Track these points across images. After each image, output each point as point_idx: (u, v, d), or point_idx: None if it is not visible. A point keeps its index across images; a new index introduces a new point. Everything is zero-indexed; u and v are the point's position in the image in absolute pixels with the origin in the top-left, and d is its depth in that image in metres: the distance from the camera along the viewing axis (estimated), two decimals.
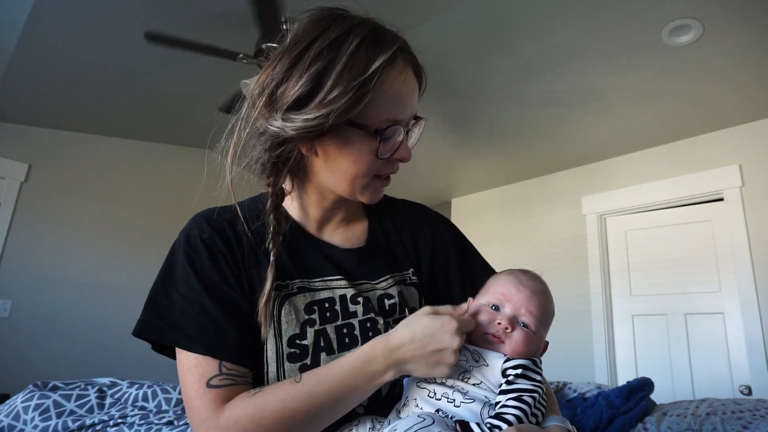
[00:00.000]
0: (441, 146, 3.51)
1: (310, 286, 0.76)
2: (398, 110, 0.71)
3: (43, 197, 3.24)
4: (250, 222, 0.77)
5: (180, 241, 0.75)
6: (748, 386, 2.56)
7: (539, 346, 0.71)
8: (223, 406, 0.64)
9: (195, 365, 0.66)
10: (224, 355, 0.66)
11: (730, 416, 1.34)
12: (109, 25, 2.36)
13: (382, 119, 0.70)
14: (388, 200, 0.93)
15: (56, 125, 3.32)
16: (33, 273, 3.14)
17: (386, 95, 0.69)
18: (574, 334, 3.11)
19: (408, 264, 0.84)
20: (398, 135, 0.72)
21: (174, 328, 0.68)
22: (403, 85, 0.71)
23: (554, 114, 2.97)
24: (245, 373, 0.68)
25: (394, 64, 0.70)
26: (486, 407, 0.63)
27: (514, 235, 3.70)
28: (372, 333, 0.74)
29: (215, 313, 0.68)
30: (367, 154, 0.71)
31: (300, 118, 0.67)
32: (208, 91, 2.87)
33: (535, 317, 0.70)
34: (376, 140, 0.70)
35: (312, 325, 0.72)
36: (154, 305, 0.71)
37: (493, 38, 2.46)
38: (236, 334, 0.68)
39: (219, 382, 0.65)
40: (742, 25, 2.17)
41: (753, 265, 2.62)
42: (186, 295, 0.69)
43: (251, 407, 0.63)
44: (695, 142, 2.97)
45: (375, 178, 0.75)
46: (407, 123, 0.74)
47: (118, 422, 1.25)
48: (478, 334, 0.70)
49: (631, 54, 2.42)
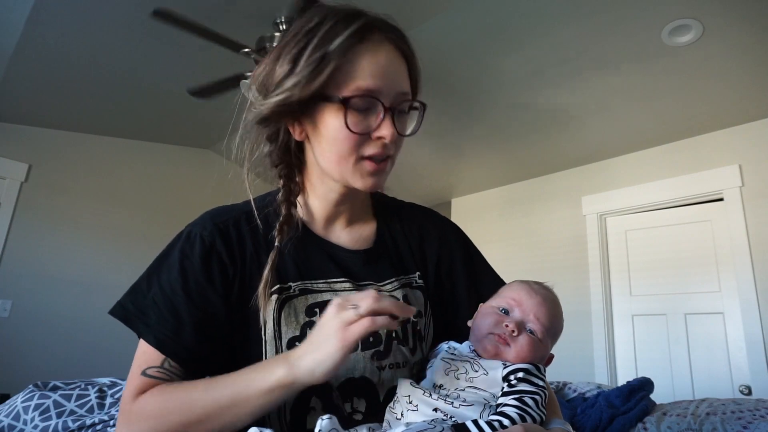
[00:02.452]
0: (441, 146, 3.51)
1: (313, 287, 0.75)
2: (369, 80, 0.68)
3: (43, 197, 3.24)
4: (261, 217, 0.77)
5: (181, 236, 0.75)
6: (748, 386, 2.56)
7: (544, 355, 0.71)
8: (142, 394, 0.66)
9: (143, 352, 0.69)
10: (170, 353, 0.68)
11: (730, 416, 1.34)
12: (109, 25, 2.36)
13: (352, 88, 0.69)
14: (397, 203, 0.92)
15: (56, 125, 3.32)
16: (33, 273, 3.14)
17: (354, 66, 0.69)
18: (574, 334, 3.11)
19: (414, 267, 0.84)
20: (374, 108, 0.70)
21: (139, 314, 0.70)
22: (374, 57, 0.70)
23: (554, 114, 2.97)
24: (184, 374, 0.69)
25: (367, 38, 0.70)
26: (486, 409, 0.62)
27: (514, 235, 3.70)
28: (373, 337, 0.73)
29: (181, 312, 0.69)
30: (341, 129, 0.69)
31: (274, 94, 0.70)
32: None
33: (543, 325, 0.70)
34: (344, 111, 0.69)
35: (312, 327, 0.71)
36: (134, 289, 0.73)
37: (494, 38, 2.46)
38: (193, 338, 0.68)
39: (154, 374, 0.67)
40: (742, 25, 2.17)
41: (753, 265, 2.62)
42: (163, 287, 0.71)
43: (160, 396, 0.65)
44: (695, 142, 2.97)
45: (363, 160, 0.72)
46: (393, 102, 0.71)
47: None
48: (482, 334, 0.70)
49: (631, 54, 2.42)
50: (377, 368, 0.72)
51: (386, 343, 0.74)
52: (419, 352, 0.77)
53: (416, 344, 0.77)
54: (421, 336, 0.79)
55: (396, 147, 0.75)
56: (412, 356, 0.75)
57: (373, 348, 0.73)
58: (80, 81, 2.84)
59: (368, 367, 0.72)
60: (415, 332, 0.78)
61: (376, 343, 0.74)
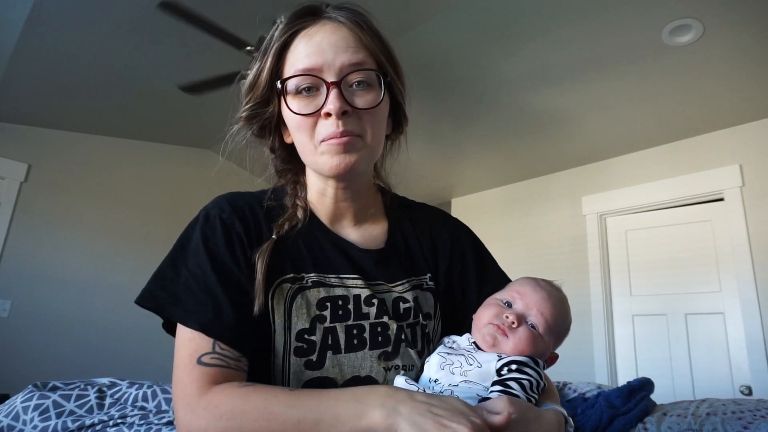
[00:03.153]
0: (441, 146, 3.51)
1: (326, 281, 0.74)
2: (305, 60, 0.70)
3: (43, 197, 3.24)
4: (275, 206, 0.79)
5: (199, 218, 0.74)
6: (749, 386, 2.55)
7: (544, 351, 0.70)
8: (209, 388, 0.62)
9: (189, 339, 0.66)
10: (218, 334, 0.65)
11: (731, 416, 1.34)
12: (109, 25, 2.36)
13: (290, 72, 0.71)
14: (408, 203, 0.92)
15: (56, 125, 3.32)
16: (33, 273, 3.14)
17: (293, 52, 0.71)
18: (574, 334, 3.07)
19: (426, 269, 0.83)
20: (320, 87, 0.69)
21: (174, 301, 0.68)
22: (310, 38, 0.71)
23: (554, 114, 2.96)
24: (238, 357, 0.66)
25: (305, 24, 0.72)
26: (478, 402, 0.62)
27: (514, 235, 3.70)
28: (382, 337, 0.73)
29: (217, 292, 0.67)
30: (293, 117, 0.71)
31: (243, 99, 0.74)
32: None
33: (545, 320, 0.70)
34: (285, 96, 0.71)
35: (322, 321, 0.71)
36: (159, 276, 0.70)
37: (494, 38, 2.46)
38: (235, 316, 0.67)
39: (210, 361, 0.64)
40: (742, 25, 2.17)
41: (753, 265, 2.62)
42: (192, 270, 0.69)
43: (235, 396, 0.61)
44: (695, 142, 2.97)
45: (321, 143, 0.70)
46: (339, 75, 0.69)
47: (117, 422, 1.25)
48: (482, 323, 0.70)
49: (631, 54, 2.42)
50: (384, 369, 0.72)
51: (395, 344, 0.73)
52: (426, 354, 0.77)
53: (425, 347, 0.77)
54: (429, 338, 0.78)
55: (360, 123, 0.71)
56: (419, 359, 0.75)
57: (381, 348, 0.73)
58: (80, 81, 2.84)
59: (375, 367, 0.72)
60: (424, 335, 0.78)
61: (385, 344, 0.73)
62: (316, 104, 0.69)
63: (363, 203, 0.83)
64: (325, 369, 0.70)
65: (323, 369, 0.70)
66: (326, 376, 0.69)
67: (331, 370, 0.70)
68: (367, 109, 0.71)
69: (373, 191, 0.86)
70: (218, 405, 0.60)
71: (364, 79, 0.71)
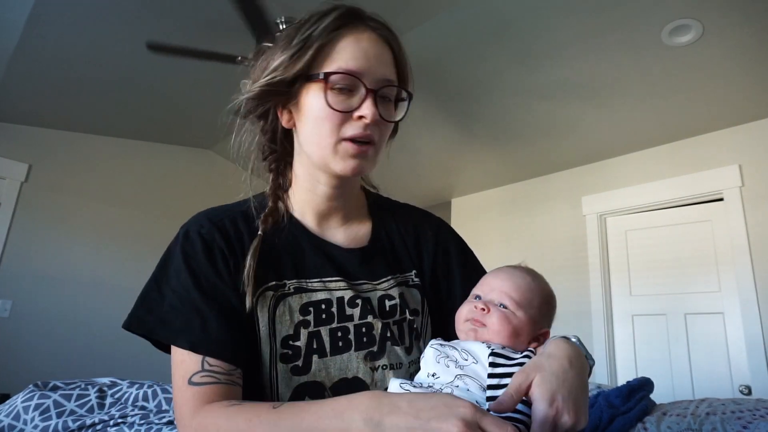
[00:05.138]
0: (441, 146, 3.51)
1: (307, 286, 0.75)
2: (351, 61, 0.71)
3: (43, 197, 3.24)
4: (256, 215, 0.78)
5: (178, 237, 0.75)
6: (748, 386, 2.56)
7: (520, 327, 0.72)
8: (201, 408, 0.63)
9: (181, 361, 0.67)
10: (206, 349, 0.66)
11: (730, 416, 1.34)
12: (109, 25, 2.36)
13: (333, 68, 0.71)
14: (392, 203, 0.93)
15: (56, 125, 3.32)
16: (33, 273, 3.14)
17: (337, 48, 0.72)
18: (574, 334, 3.11)
19: (411, 266, 0.84)
20: (357, 90, 0.71)
21: (162, 323, 0.69)
22: (357, 40, 0.73)
23: (554, 114, 2.97)
24: (230, 370, 0.67)
25: (350, 24, 0.73)
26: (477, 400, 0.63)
27: (514, 235, 3.70)
28: (366, 338, 0.73)
29: (202, 308, 0.68)
30: (323, 108, 0.71)
31: (262, 77, 0.74)
32: (208, 91, 2.87)
33: (510, 297, 0.73)
34: (325, 88, 0.71)
35: (306, 326, 0.72)
36: (145, 300, 0.72)
37: (494, 38, 2.46)
38: (221, 329, 0.67)
39: (200, 380, 0.65)
40: (742, 25, 2.17)
41: (753, 265, 2.62)
42: (176, 290, 0.70)
43: (221, 418, 0.62)
44: (695, 142, 2.97)
45: (344, 141, 0.72)
46: (376, 85, 0.72)
47: (118, 422, 1.25)
48: (461, 322, 0.74)
49: (631, 54, 2.42)
50: (370, 369, 0.73)
51: (380, 343, 0.74)
52: (416, 351, 0.77)
53: (413, 343, 0.78)
54: (418, 334, 0.79)
55: (379, 133, 0.74)
56: (407, 356, 0.75)
57: (366, 348, 0.73)
58: (80, 81, 2.84)
59: (361, 367, 0.72)
60: (412, 330, 0.78)
61: (370, 344, 0.74)
62: (350, 104, 0.71)
63: (351, 203, 0.84)
64: (312, 373, 0.70)
65: (310, 373, 0.70)
66: (314, 380, 0.70)
67: (318, 374, 0.70)
68: (388, 121, 0.75)
69: (359, 192, 0.88)
70: (207, 427, 0.62)
71: (391, 94, 0.75)
